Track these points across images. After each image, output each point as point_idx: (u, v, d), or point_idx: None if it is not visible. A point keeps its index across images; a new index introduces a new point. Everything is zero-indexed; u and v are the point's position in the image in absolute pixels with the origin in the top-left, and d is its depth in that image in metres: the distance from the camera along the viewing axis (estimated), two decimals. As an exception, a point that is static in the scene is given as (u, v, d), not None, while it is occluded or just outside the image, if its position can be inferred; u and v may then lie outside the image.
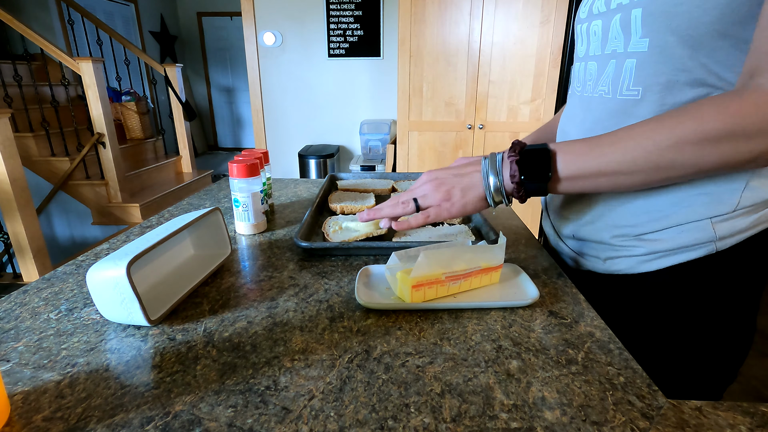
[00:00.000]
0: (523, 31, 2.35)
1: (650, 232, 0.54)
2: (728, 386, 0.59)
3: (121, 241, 0.75)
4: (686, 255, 0.52)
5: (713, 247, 0.51)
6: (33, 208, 2.54)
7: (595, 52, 0.57)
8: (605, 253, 0.60)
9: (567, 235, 0.66)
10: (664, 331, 0.55)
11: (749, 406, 0.37)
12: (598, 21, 0.56)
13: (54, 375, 0.41)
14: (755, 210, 0.50)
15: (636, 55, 0.50)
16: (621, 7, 0.51)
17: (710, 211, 0.50)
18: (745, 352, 0.57)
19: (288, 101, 3.39)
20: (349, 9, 3.13)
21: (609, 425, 0.35)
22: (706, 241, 0.51)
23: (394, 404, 0.37)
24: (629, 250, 0.56)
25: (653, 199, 0.53)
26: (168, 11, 5.85)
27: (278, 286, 0.58)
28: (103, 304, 0.48)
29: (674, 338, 0.55)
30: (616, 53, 0.53)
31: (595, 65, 0.57)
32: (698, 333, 0.55)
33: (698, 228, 0.51)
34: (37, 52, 3.34)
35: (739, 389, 1.69)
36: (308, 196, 1.03)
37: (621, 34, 0.52)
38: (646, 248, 0.55)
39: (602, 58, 0.56)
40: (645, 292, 0.57)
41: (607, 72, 0.55)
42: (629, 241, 0.56)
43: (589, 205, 0.60)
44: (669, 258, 0.54)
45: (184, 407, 0.37)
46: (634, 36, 0.50)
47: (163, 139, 4.01)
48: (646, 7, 0.48)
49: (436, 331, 0.48)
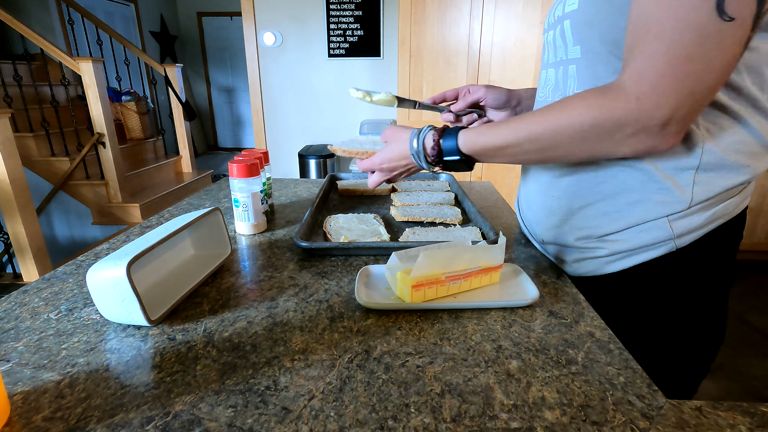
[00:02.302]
0: (523, 31, 2.35)
1: (611, 233, 0.56)
2: (701, 380, 0.60)
3: (121, 241, 0.75)
4: (647, 254, 0.54)
5: (672, 245, 0.52)
6: (33, 208, 2.54)
7: (550, 59, 0.61)
8: (572, 256, 0.62)
9: (539, 240, 0.68)
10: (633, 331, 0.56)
11: (749, 406, 0.37)
12: (551, 31, 0.60)
13: (54, 375, 0.41)
14: (710, 206, 0.51)
15: (575, 61, 0.54)
16: (559, 19, 0.56)
17: (666, 210, 0.51)
18: (717, 346, 0.59)
19: (288, 101, 3.39)
20: (349, 9, 3.13)
21: (609, 425, 0.35)
22: (664, 239, 0.52)
23: (394, 404, 0.37)
24: (593, 251, 0.58)
25: (611, 200, 0.55)
26: (168, 11, 5.85)
27: (278, 286, 0.58)
28: (103, 304, 0.48)
29: (644, 337, 0.56)
30: (563, 60, 0.57)
31: (553, 72, 0.60)
32: (666, 330, 0.56)
33: (656, 227, 0.52)
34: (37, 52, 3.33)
35: (739, 389, 1.69)
36: (308, 196, 1.03)
37: (561, 43, 0.56)
38: (609, 249, 0.56)
39: (556, 65, 0.59)
40: (612, 293, 0.58)
41: (557, 78, 0.59)
42: (593, 242, 0.58)
43: (554, 210, 0.61)
44: (631, 258, 0.55)
45: (184, 407, 0.37)
46: (569, 44, 0.54)
47: (163, 139, 4.01)
48: (573, 18, 0.52)
49: (436, 331, 0.48)
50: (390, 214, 0.86)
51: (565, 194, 0.59)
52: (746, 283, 2.46)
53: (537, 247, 0.71)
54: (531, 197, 0.68)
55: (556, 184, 0.60)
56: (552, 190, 0.61)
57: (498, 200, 0.99)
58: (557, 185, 0.60)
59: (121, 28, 4.90)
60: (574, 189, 0.58)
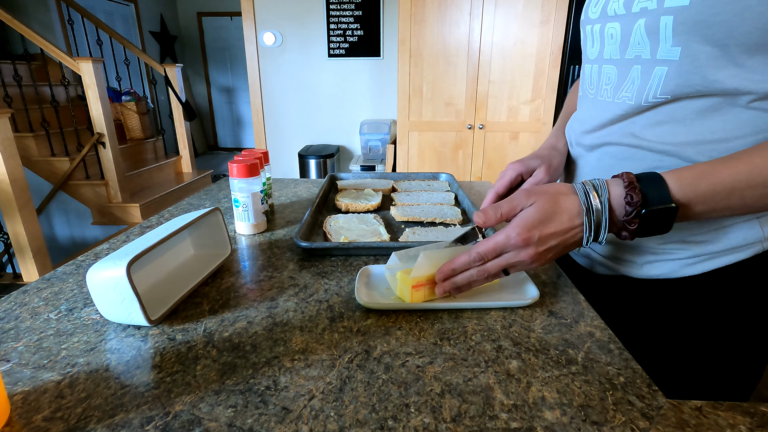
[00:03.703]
0: (523, 31, 2.35)
1: (696, 235, 0.52)
2: (756, 385, 0.57)
3: (121, 241, 0.75)
4: (733, 256, 0.51)
5: (761, 247, 0.50)
6: (33, 208, 2.54)
7: (612, 55, 0.56)
8: (644, 258, 0.57)
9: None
10: (699, 336, 0.54)
11: (749, 406, 0.37)
12: (615, 23, 0.54)
13: (54, 375, 0.41)
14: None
15: (667, 63, 0.48)
16: (646, 12, 0.49)
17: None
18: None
19: (288, 101, 3.39)
20: (349, 9, 3.13)
21: (609, 425, 0.35)
22: (754, 241, 0.50)
23: (394, 404, 0.37)
24: (673, 253, 0.55)
25: None
26: (168, 11, 5.85)
27: (278, 286, 0.58)
28: (103, 304, 0.48)
29: (709, 343, 0.54)
30: (641, 59, 0.51)
31: (614, 69, 0.56)
32: (736, 336, 0.54)
33: (746, 228, 0.50)
34: (37, 52, 3.33)
35: (739, 389, 1.68)
36: (308, 196, 1.03)
37: (646, 40, 0.50)
38: (691, 251, 0.53)
39: (623, 63, 0.54)
40: (684, 297, 0.55)
41: (631, 77, 0.53)
42: (673, 244, 0.54)
43: None
44: (714, 260, 0.52)
45: (184, 407, 0.37)
46: (664, 43, 0.48)
47: (163, 139, 4.01)
48: (679, 15, 0.46)
49: (436, 331, 0.48)
50: (390, 214, 0.86)
51: None
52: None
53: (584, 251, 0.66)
54: None
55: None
56: None
57: (498, 200, 0.99)
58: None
59: (121, 28, 4.90)
60: None
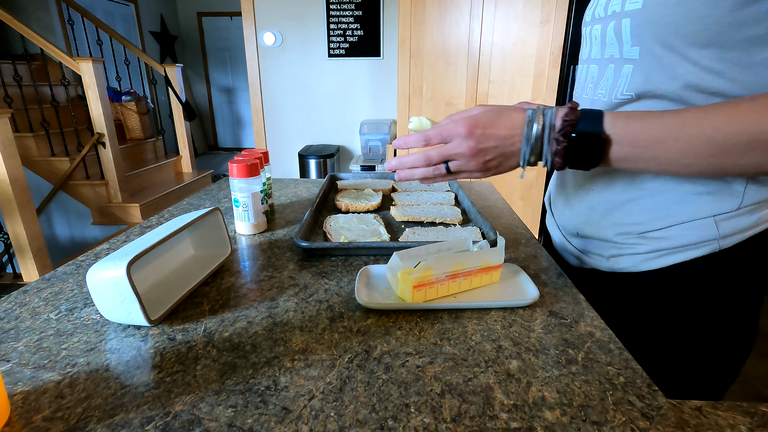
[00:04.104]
0: (523, 31, 2.35)
1: (654, 230, 0.54)
2: (730, 385, 0.59)
3: (121, 241, 0.75)
4: (689, 253, 0.53)
5: (716, 245, 0.51)
6: (33, 208, 2.54)
7: (596, 55, 0.59)
8: (609, 251, 0.60)
9: (571, 232, 0.67)
10: (665, 330, 0.55)
11: (749, 406, 0.37)
12: (598, 25, 0.58)
13: (54, 375, 0.41)
14: (759, 208, 0.50)
15: (632, 62, 0.52)
16: (615, 15, 0.53)
17: (714, 209, 0.50)
18: (747, 351, 0.58)
19: (288, 101, 3.39)
20: (349, 9, 3.12)
21: (609, 425, 0.35)
22: (709, 239, 0.51)
23: (394, 404, 0.37)
24: (633, 248, 0.57)
25: (657, 197, 0.53)
26: (168, 11, 5.85)
27: (278, 286, 0.58)
28: (103, 304, 0.48)
29: (676, 337, 0.56)
30: (614, 58, 0.55)
31: (596, 68, 0.59)
32: (700, 331, 0.55)
33: (702, 226, 0.51)
34: (37, 52, 3.34)
35: (739, 389, 1.69)
36: (308, 196, 1.03)
37: (615, 41, 0.54)
38: (650, 246, 0.55)
39: (602, 62, 0.57)
40: (647, 290, 0.57)
41: (606, 76, 0.57)
42: (633, 238, 0.57)
43: (594, 205, 0.60)
44: (672, 256, 0.54)
45: (184, 407, 0.37)
46: (626, 44, 0.52)
47: (163, 139, 4.01)
48: (634, 18, 0.50)
49: (436, 331, 0.48)
50: (390, 214, 0.86)
51: (607, 188, 0.58)
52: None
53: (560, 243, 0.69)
54: (569, 190, 0.66)
55: (597, 179, 0.59)
56: (592, 183, 0.60)
57: (498, 200, 0.99)
58: (599, 180, 0.59)
59: (121, 28, 4.90)
60: (619, 184, 0.56)
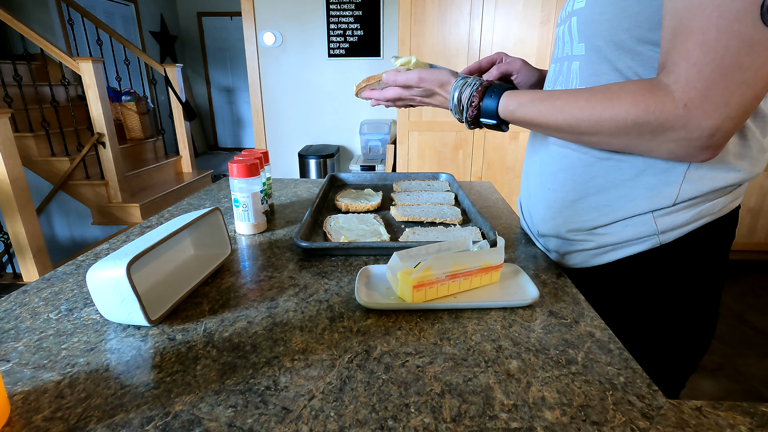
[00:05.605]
0: (523, 31, 2.35)
1: (600, 227, 0.58)
2: (689, 376, 0.61)
3: (121, 241, 0.75)
4: (632, 248, 0.56)
5: (656, 241, 0.54)
6: (33, 208, 2.53)
7: (558, 54, 0.62)
8: (563, 248, 0.64)
9: (535, 232, 0.71)
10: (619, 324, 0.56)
11: (749, 406, 0.37)
12: (562, 26, 0.61)
13: (54, 375, 0.41)
14: (695, 204, 0.52)
15: (579, 58, 0.56)
16: (569, 15, 0.57)
17: (652, 205, 0.53)
18: (705, 344, 0.60)
19: (288, 101, 3.39)
20: (349, 9, 3.13)
21: (609, 425, 0.35)
22: (649, 234, 0.54)
23: (394, 404, 0.37)
24: (582, 244, 0.61)
25: (603, 194, 0.56)
26: (168, 11, 5.85)
27: (278, 286, 0.58)
28: (103, 304, 0.48)
29: (629, 331, 0.56)
30: (568, 56, 0.58)
31: (558, 66, 0.61)
32: (650, 324, 0.57)
33: (641, 222, 0.54)
34: (37, 52, 3.34)
35: (739, 389, 1.69)
36: (308, 196, 1.03)
37: (569, 39, 0.58)
38: (596, 242, 0.58)
39: (561, 60, 0.61)
40: (598, 286, 0.60)
41: (563, 72, 0.60)
42: (582, 235, 0.60)
43: (551, 203, 0.63)
44: (616, 251, 0.57)
45: (184, 407, 0.37)
46: (575, 41, 0.56)
47: (163, 139, 4.00)
48: (579, 16, 0.54)
49: (436, 331, 0.48)
50: (390, 214, 0.86)
51: (561, 187, 0.61)
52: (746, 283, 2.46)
53: (534, 241, 0.73)
54: (531, 190, 0.69)
55: (554, 178, 0.62)
56: (550, 183, 0.63)
57: (498, 200, 0.99)
58: (555, 179, 0.62)
59: (121, 28, 4.90)
60: (570, 183, 0.59)
